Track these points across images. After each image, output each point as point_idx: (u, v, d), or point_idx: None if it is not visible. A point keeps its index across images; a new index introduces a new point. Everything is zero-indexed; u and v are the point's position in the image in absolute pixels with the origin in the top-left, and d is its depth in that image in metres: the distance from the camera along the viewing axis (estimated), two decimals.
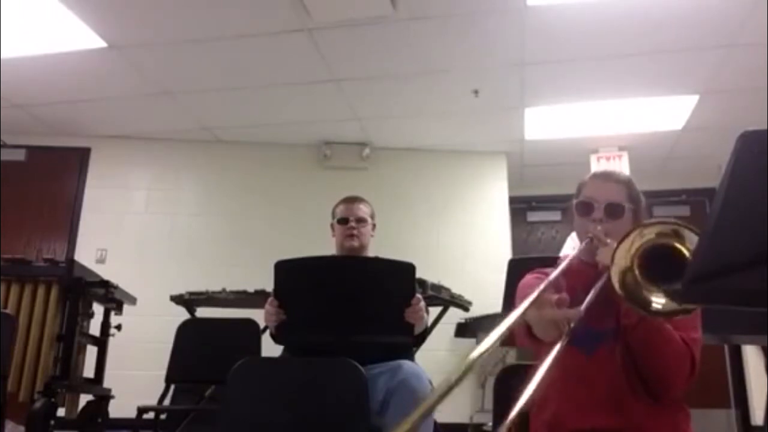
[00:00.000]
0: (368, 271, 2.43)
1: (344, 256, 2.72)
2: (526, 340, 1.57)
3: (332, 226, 2.83)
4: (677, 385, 1.62)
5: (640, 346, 1.60)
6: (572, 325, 1.37)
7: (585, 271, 1.63)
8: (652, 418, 1.62)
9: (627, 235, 1.43)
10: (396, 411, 2.21)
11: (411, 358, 2.59)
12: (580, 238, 1.80)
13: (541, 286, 1.32)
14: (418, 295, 2.36)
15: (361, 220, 2.77)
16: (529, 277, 1.83)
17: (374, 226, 2.86)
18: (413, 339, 2.55)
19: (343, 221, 2.77)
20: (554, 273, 1.46)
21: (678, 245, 1.38)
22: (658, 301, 1.39)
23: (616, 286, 1.41)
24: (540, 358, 1.41)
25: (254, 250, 5.39)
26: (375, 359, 2.37)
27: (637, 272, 1.41)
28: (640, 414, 1.61)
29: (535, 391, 1.13)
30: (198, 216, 5.74)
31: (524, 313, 1.27)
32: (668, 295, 1.38)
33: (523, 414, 1.11)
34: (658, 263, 1.39)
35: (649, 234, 1.42)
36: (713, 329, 1.69)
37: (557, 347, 1.33)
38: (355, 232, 2.74)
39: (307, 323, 2.46)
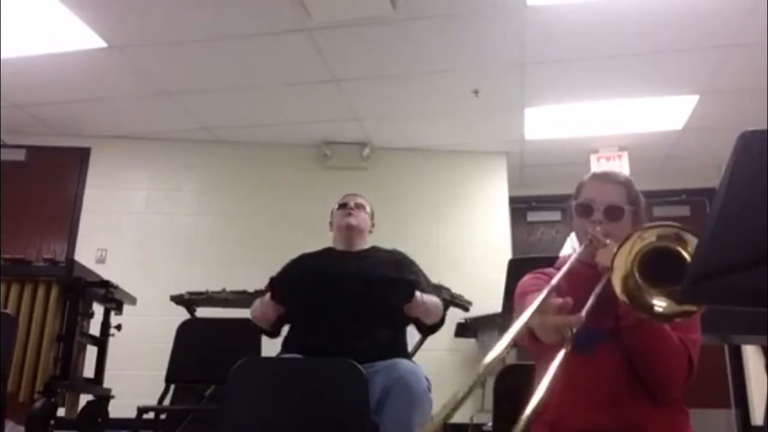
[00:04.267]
0: (369, 292, 2.44)
1: (344, 275, 2.61)
2: (527, 341, 1.57)
3: (331, 224, 2.86)
4: (675, 386, 1.62)
5: (638, 348, 1.60)
6: (574, 330, 1.36)
7: (585, 272, 1.63)
8: (651, 418, 1.62)
9: (626, 239, 1.44)
10: (392, 408, 2.21)
11: (408, 357, 2.59)
12: (580, 239, 1.80)
13: (544, 292, 1.32)
14: (417, 293, 2.39)
15: (359, 206, 2.83)
16: (527, 279, 1.83)
17: (373, 225, 2.87)
18: (424, 331, 2.60)
19: (342, 206, 2.83)
20: (556, 277, 1.46)
21: (677, 247, 1.38)
22: (659, 304, 1.40)
23: (619, 291, 1.41)
24: (541, 359, 1.42)
25: (254, 250, 5.39)
26: (373, 358, 2.37)
27: (637, 276, 1.42)
28: (639, 414, 1.61)
29: (540, 397, 1.15)
30: (198, 216, 5.74)
31: (528, 319, 1.27)
32: (669, 296, 1.38)
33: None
34: (659, 266, 1.40)
35: (649, 237, 1.43)
36: (713, 329, 1.69)
37: (561, 354, 1.33)
38: (353, 212, 2.79)
39: (306, 332, 2.49)
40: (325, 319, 2.46)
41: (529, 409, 1.10)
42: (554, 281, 1.42)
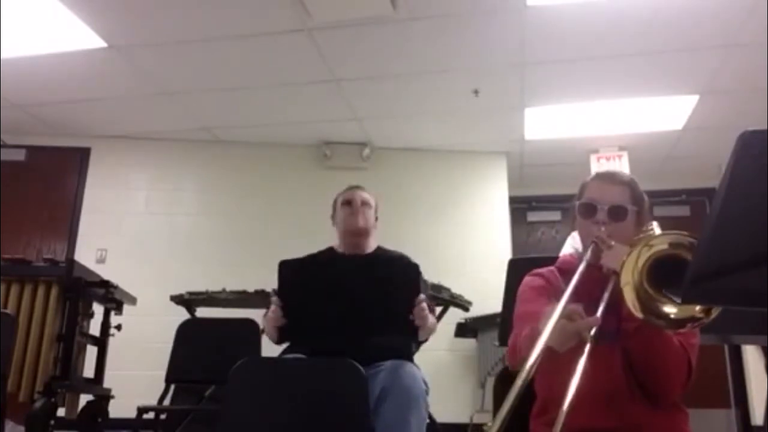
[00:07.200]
0: (372, 271, 2.42)
1: (348, 255, 2.67)
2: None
3: (333, 217, 2.84)
4: (674, 389, 1.62)
5: (639, 351, 1.60)
6: (593, 331, 1.41)
7: (589, 273, 1.63)
8: (651, 419, 1.62)
9: (629, 254, 1.44)
10: (390, 410, 2.21)
11: (410, 358, 2.59)
12: (583, 239, 1.79)
13: (557, 310, 1.37)
14: (422, 295, 2.38)
15: (365, 203, 2.78)
16: (529, 280, 1.82)
17: (377, 218, 2.85)
18: (417, 342, 2.58)
19: (347, 203, 2.78)
20: (567, 291, 1.48)
21: (682, 254, 1.38)
22: (670, 311, 1.40)
23: (634, 308, 1.43)
24: (543, 360, 1.42)
25: (254, 250, 5.39)
26: (375, 360, 2.37)
27: (647, 286, 1.42)
28: (638, 414, 1.61)
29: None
30: (198, 216, 5.74)
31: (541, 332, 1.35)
32: (671, 300, 1.38)
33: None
34: (666, 274, 1.40)
35: (658, 245, 1.43)
36: (713, 329, 1.68)
37: (586, 351, 1.42)
38: (359, 211, 2.74)
39: (310, 326, 2.46)
40: (331, 325, 2.44)
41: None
42: (565, 296, 1.45)
